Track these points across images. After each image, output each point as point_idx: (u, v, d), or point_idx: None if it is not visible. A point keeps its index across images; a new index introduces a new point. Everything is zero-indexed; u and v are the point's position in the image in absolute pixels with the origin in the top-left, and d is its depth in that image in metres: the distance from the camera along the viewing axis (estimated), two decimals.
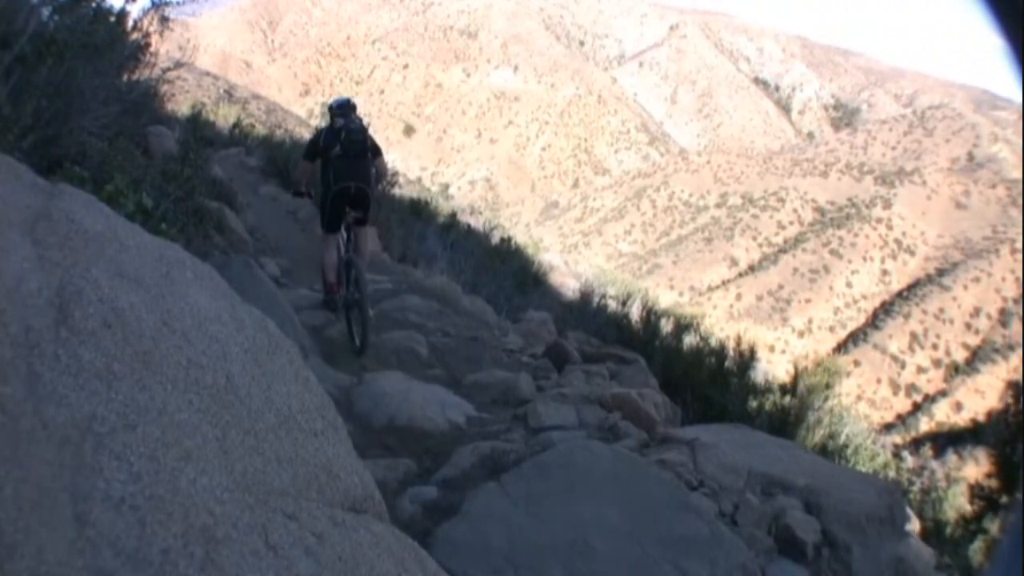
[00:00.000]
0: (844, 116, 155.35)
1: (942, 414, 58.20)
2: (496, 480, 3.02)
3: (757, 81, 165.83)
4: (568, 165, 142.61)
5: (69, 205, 1.61)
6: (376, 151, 5.86)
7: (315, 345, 5.18)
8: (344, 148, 5.53)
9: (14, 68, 3.37)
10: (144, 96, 6.14)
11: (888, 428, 45.65)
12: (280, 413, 1.69)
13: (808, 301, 76.07)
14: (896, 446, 10.62)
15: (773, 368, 11.80)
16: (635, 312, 8.82)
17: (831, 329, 73.86)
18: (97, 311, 1.40)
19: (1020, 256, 70.11)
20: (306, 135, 17.40)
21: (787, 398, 6.40)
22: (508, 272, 11.48)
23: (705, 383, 6.33)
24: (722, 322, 39.06)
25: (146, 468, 1.25)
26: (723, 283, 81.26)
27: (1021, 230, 74.86)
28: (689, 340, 7.87)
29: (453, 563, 2.43)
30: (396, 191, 15.26)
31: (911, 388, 64.75)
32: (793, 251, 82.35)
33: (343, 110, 5.77)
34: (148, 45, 5.59)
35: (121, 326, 1.43)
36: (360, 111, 5.94)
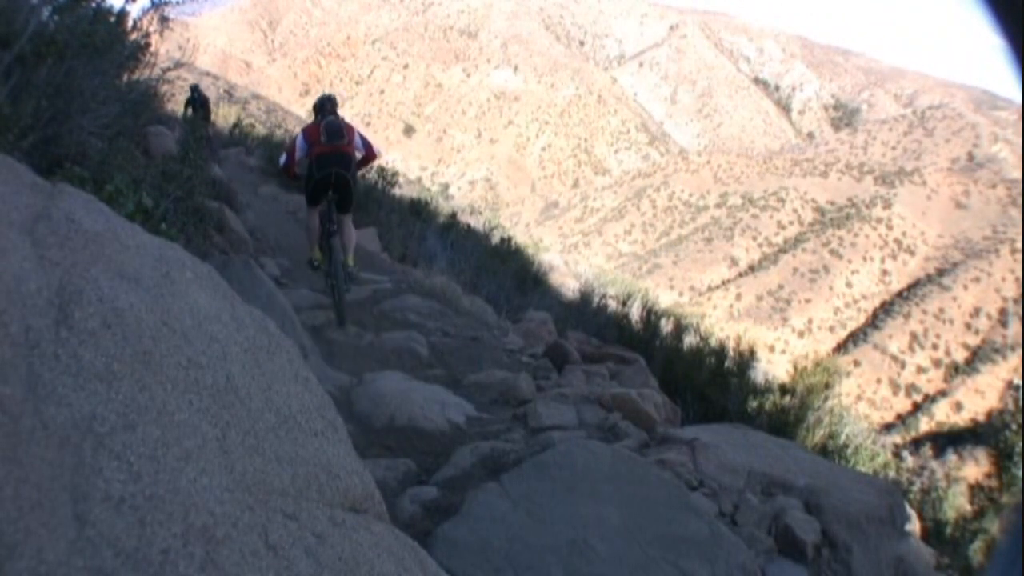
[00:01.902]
0: (844, 116, 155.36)
1: (942, 414, 58.20)
2: (496, 480, 3.02)
3: (757, 81, 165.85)
4: (568, 165, 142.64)
5: (69, 205, 1.61)
6: (207, 103, 13.48)
7: (315, 345, 5.19)
8: (199, 104, 12.98)
9: (14, 68, 3.37)
10: (144, 96, 6.13)
11: (888, 428, 45.66)
12: (280, 413, 1.70)
13: (808, 301, 76.08)
14: (896, 446, 10.61)
15: (773, 368, 11.80)
16: (635, 312, 8.82)
17: (831, 329, 73.87)
18: (97, 311, 1.40)
19: (1020, 256, 70.09)
20: None
21: (787, 398, 6.40)
22: (508, 272, 11.47)
23: (705, 383, 6.33)
24: (722, 322, 39.06)
25: (146, 468, 1.25)
26: (723, 283, 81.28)
27: (1021, 230, 74.84)
28: (689, 340, 7.86)
29: (453, 563, 2.43)
30: (396, 191, 15.27)
31: (911, 388, 64.74)
32: (793, 251, 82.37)
33: (196, 91, 13.14)
34: (148, 45, 5.59)
35: (121, 326, 1.43)
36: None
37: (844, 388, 7.69)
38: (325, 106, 6.13)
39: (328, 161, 5.76)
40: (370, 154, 6.34)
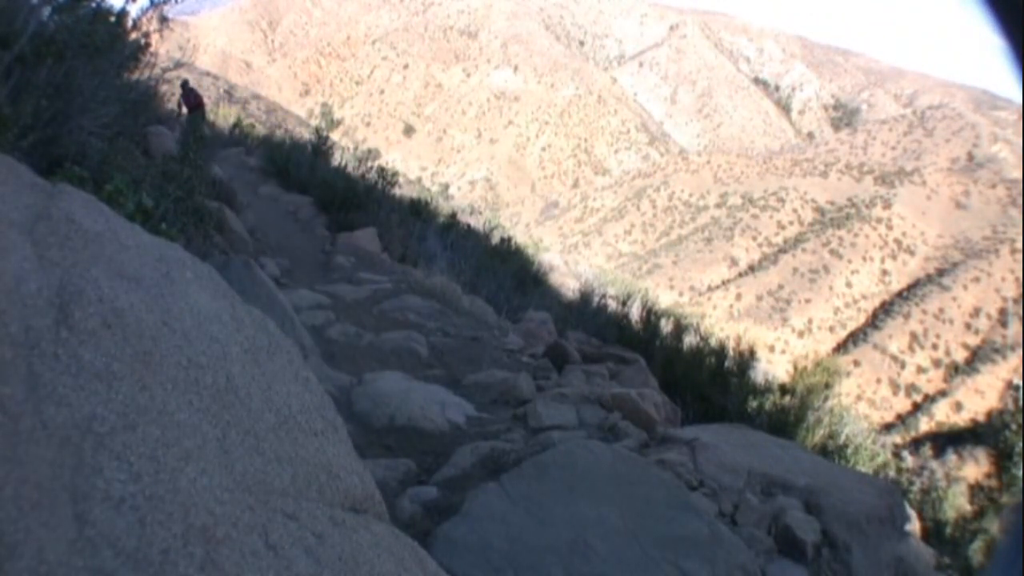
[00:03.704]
0: (844, 116, 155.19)
1: (942, 414, 58.23)
2: (496, 480, 3.02)
3: (757, 81, 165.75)
4: (568, 165, 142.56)
5: (69, 205, 1.61)
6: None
7: (315, 345, 5.18)
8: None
9: (14, 68, 3.37)
10: (144, 96, 6.14)
11: (888, 428, 45.67)
12: (280, 413, 1.70)
13: (808, 301, 76.08)
14: (896, 446, 10.61)
15: (773, 368, 11.79)
16: (635, 312, 8.81)
17: (831, 329, 73.88)
18: (97, 311, 1.40)
19: (1020, 256, 70.08)
20: (306, 135, 19.00)
21: (787, 398, 6.40)
22: (508, 272, 11.47)
23: (705, 383, 6.33)
24: (722, 322, 39.02)
25: (146, 468, 1.25)
26: (723, 283, 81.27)
27: (1021, 230, 74.83)
28: (689, 340, 7.85)
29: (453, 563, 2.43)
30: (396, 191, 15.27)
31: (911, 388, 64.75)
32: (793, 251, 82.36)
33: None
34: (148, 45, 5.59)
35: (121, 326, 1.43)
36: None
37: (844, 388, 7.69)
38: (186, 86, 13.65)
39: (195, 112, 13.39)
40: (201, 102, 13.87)
